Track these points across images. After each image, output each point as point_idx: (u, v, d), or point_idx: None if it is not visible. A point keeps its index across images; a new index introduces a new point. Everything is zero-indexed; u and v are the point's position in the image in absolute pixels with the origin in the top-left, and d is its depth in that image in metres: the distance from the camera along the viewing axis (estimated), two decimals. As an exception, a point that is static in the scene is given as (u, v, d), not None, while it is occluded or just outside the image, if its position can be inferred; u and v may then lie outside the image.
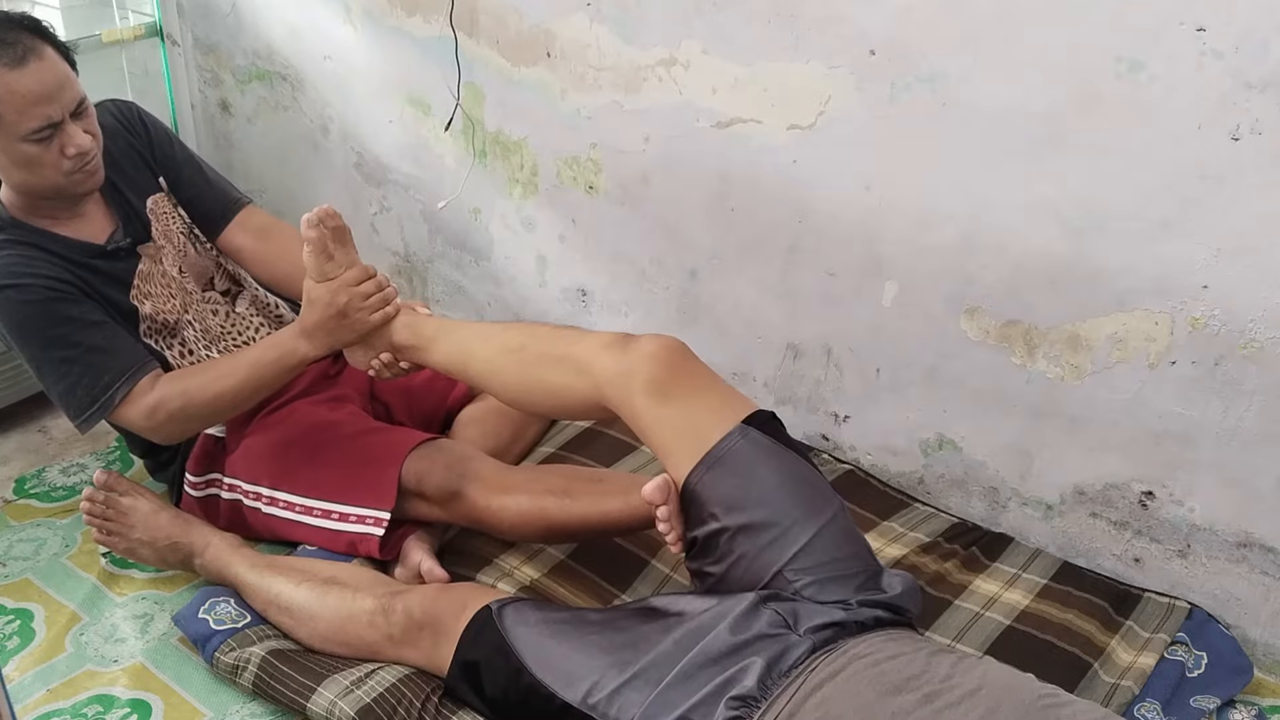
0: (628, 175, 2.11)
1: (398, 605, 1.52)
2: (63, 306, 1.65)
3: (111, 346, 1.68)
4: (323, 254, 1.64)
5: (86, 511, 1.76)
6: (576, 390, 1.50)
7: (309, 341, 1.67)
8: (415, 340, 1.67)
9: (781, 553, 1.37)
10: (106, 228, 1.77)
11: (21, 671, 1.61)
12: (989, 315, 1.80)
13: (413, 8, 2.25)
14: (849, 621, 1.33)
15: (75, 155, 1.64)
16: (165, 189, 1.87)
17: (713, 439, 1.40)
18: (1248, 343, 1.58)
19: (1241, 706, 1.60)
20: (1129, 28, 1.52)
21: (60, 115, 1.60)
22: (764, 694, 1.26)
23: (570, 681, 1.34)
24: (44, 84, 1.58)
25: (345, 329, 1.66)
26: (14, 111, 1.57)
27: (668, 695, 1.28)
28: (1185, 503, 1.72)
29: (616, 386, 1.44)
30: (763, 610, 1.34)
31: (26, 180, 1.66)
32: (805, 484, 1.42)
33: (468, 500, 1.68)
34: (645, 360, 1.44)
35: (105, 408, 1.67)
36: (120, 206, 1.80)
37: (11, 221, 1.70)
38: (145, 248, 1.80)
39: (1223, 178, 1.52)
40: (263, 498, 1.76)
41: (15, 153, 1.61)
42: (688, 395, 1.43)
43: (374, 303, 1.66)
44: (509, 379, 1.58)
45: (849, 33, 1.75)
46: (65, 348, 1.65)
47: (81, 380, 1.66)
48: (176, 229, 1.86)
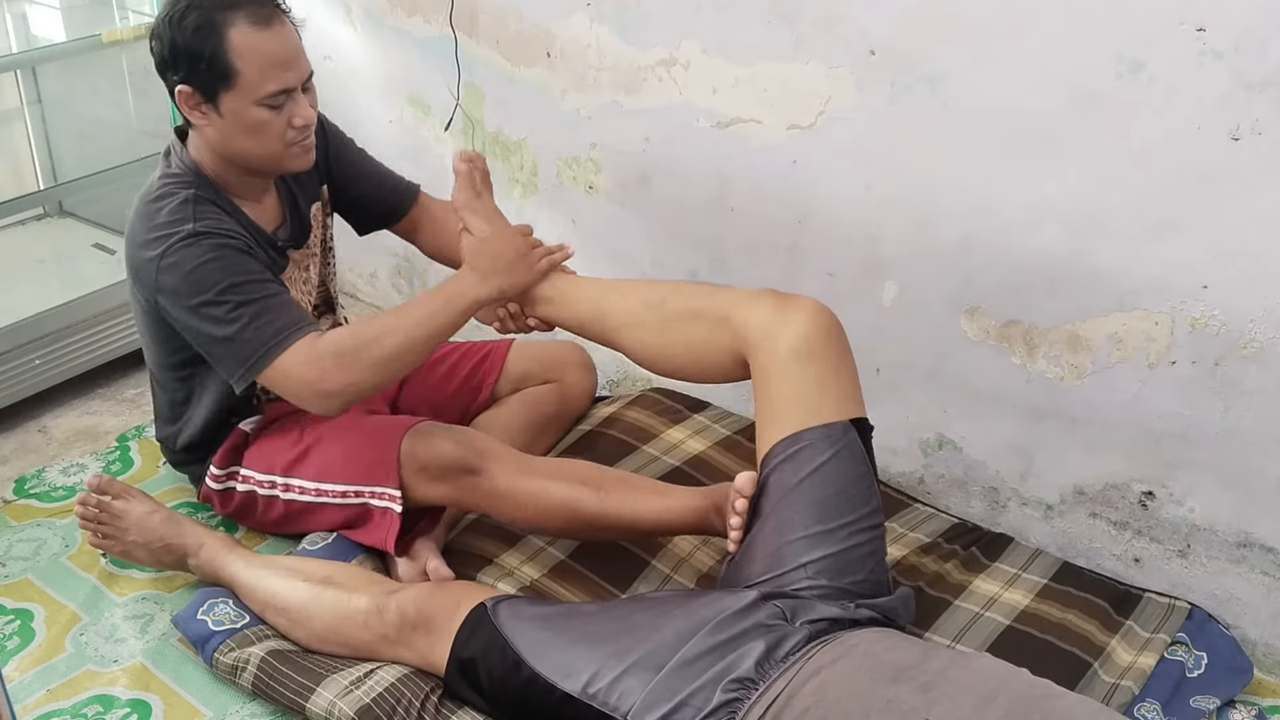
0: (628, 175, 2.11)
1: (392, 604, 1.52)
2: (250, 260, 1.62)
3: (286, 301, 1.64)
4: (471, 189, 1.71)
5: (80, 515, 1.75)
6: (715, 343, 1.51)
7: (483, 281, 1.65)
8: (553, 294, 1.69)
9: (808, 550, 1.40)
10: (275, 220, 1.77)
11: (21, 671, 1.61)
12: (989, 315, 1.80)
13: (413, 8, 2.25)
14: (844, 619, 1.36)
15: (302, 126, 1.62)
16: (323, 198, 1.87)
17: (825, 418, 1.43)
18: (1248, 343, 1.58)
19: (1241, 706, 1.60)
20: (1129, 28, 1.52)
21: (295, 82, 1.59)
22: (761, 677, 1.28)
23: (569, 672, 1.35)
24: (287, 47, 1.58)
25: (519, 271, 1.67)
26: (256, 72, 1.55)
27: (668, 682, 1.29)
28: (1185, 503, 1.72)
29: (764, 333, 1.46)
30: (762, 605, 1.37)
31: (246, 147, 1.63)
32: (863, 502, 1.45)
33: (485, 480, 1.65)
34: (806, 313, 1.46)
35: (274, 351, 1.58)
36: (289, 204, 1.79)
37: (206, 181, 1.67)
38: (297, 252, 1.80)
39: (1222, 178, 1.52)
40: (278, 485, 1.76)
41: (246, 116, 1.58)
42: (829, 365, 1.45)
43: (542, 250, 1.70)
44: (648, 334, 1.59)
45: (849, 33, 1.75)
46: (244, 293, 1.59)
47: (252, 324, 1.58)
48: (319, 239, 1.87)
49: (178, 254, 1.59)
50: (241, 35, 1.54)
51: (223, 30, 1.54)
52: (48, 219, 2.65)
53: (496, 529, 1.81)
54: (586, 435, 2.03)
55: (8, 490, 2.00)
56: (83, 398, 2.26)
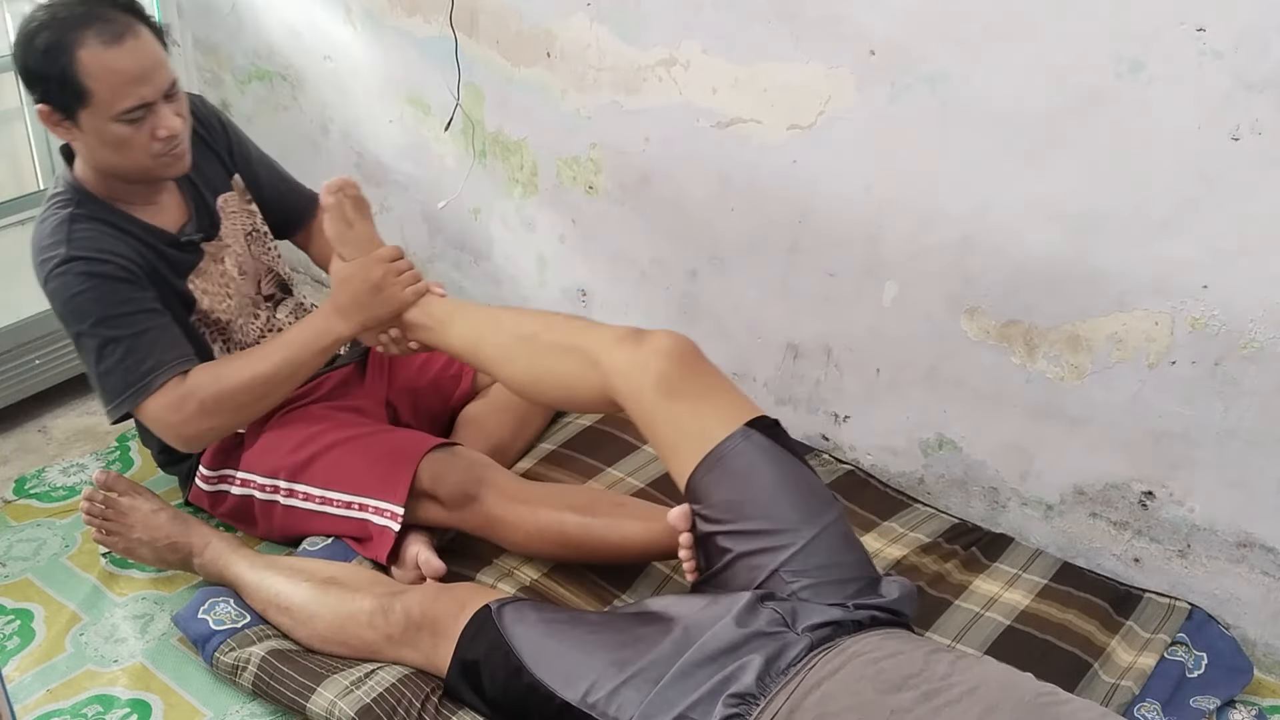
0: (628, 175, 2.11)
1: (396, 605, 1.52)
2: (125, 288, 1.63)
3: (160, 336, 1.65)
4: (341, 220, 1.67)
5: (86, 511, 1.76)
6: (587, 381, 1.50)
7: (343, 318, 1.67)
8: (428, 321, 1.67)
9: (777, 555, 1.38)
10: (179, 218, 1.76)
11: (21, 671, 1.61)
12: (989, 315, 1.80)
13: (413, 8, 2.25)
14: (846, 621, 1.33)
15: (166, 137, 1.61)
16: (238, 187, 1.87)
17: (717, 438, 1.41)
18: (1247, 343, 1.58)
19: (1241, 706, 1.60)
20: (1129, 28, 1.52)
21: (153, 96, 1.58)
22: (763, 691, 1.26)
23: (569, 680, 1.35)
24: (139, 63, 1.56)
25: (379, 303, 1.67)
26: (108, 90, 1.54)
27: (666, 694, 1.29)
28: (1185, 503, 1.72)
29: (627, 380, 1.45)
30: (761, 609, 1.35)
31: (113, 161, 1.63)
32: (805, 489, 1.43)
33: (483, 506, 1.68)
34: (658, 355, 1.44)
35: (140, 394, 1.62)
36: (194, 199, 1.78)
37: (89, 197, 1.66)
38: (211, 245, 1.79)
39: (1223, 178, 1.52)
40: (281, 490, 1.76)
41: (106, 133, 1.58)
42: (696, 394, 1.44)
43: (406, 278, 1.68)
44: (519, 366, 1.58)
45: (849, 33, 1.75)
46: (115, 328, 1.62)
47: (123, 363, 1.62)
48: (240, 228, 1.86)
49: (55, 281, 1.63)
50: (91, 54, 1.52)
51: (72, 50, 1.52)
52: (48, 219, 2.65)
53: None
54: (587, 431, 2.04)
55: (8, 490, 2.00)
56: (83, 398, 2.26)
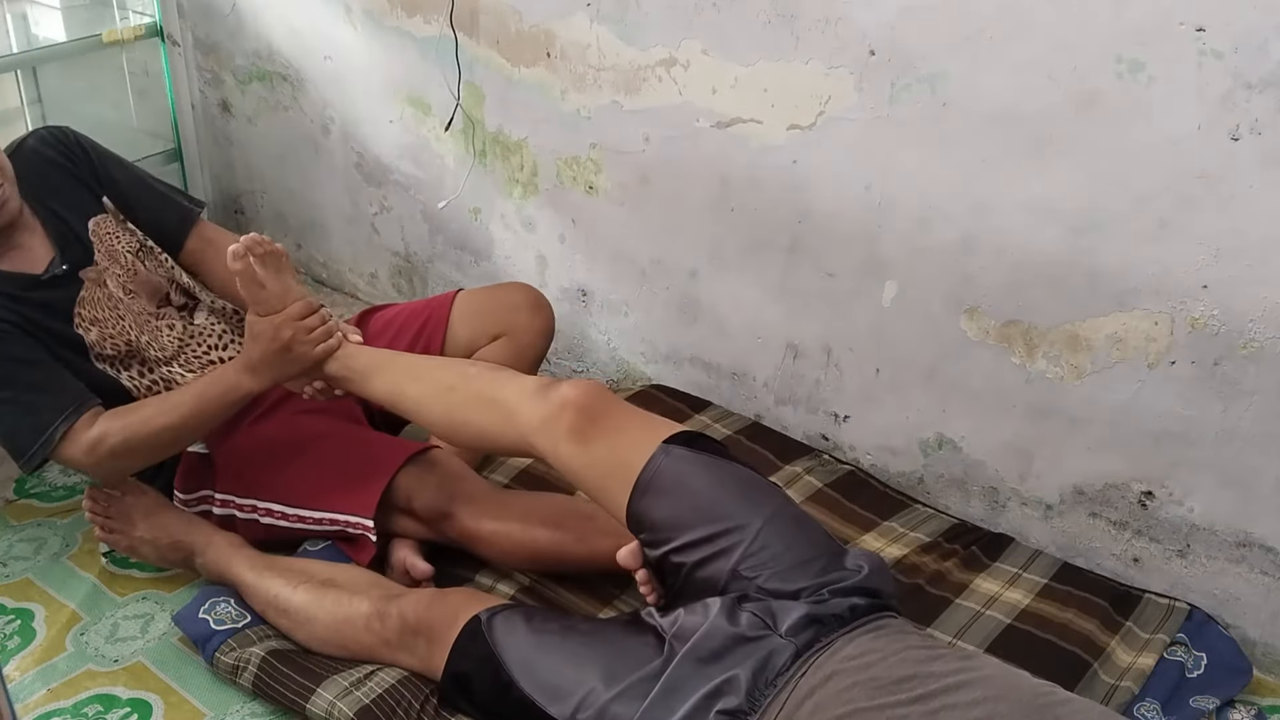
0: (628, 175, 2.11)
1: (393, 610, 1.52)
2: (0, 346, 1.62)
3: (50, 385, 1.62)
4: (253, 283, 1.61)
5: (89, 509, 1.76)
6: (506, 436, 1.51)
7: (253, 376, 1.65)
8: (348, 373, 1.67)
9: (730, 555, 1.36)
10: (44, 256, 1.71)
11: (22, 671, 1.61)
12: (989, 315, 1.80)
13: (413, 8, 2.25)
14: (826, 615, 1.30)
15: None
16: (109, 210, 1.82)
17: (638, 465, 1.40)
18: (1247, 343, 1.58)
19: (1241, 706, 1.60)
20: (1129, 28, 1.52)
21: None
22: (753, 706, 1.25)
23: (559, 696, 1.34)
24: None
25: (289, 363, 1.65)
26: None
27: (654, 710, 1.27)
28: (1185, 503, 1.73)
29: (541, 436, 1.46)
30: (739, 611, 1.32)
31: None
32: (739, 485, 1.41)
33: (458, 522, 1.68)
34: (563, 409, 1.44)
35: (46, 447, 1.61)
36: (59, 233, 1.73)
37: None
38: (87, 272, 1.74)
39: (1222, 178, 1.52)
40: (259, 510, 1.76)
41: None
42: (609, 434, 1.43)
43: (317, 336, 1.64)
44: (438, 419, 1.60)
45: (849, 33, 1.75)
46: (3, 389, 1.60)
47: (22, 421, 1.61)
48: (123, 248, 1.80)
49: None
50: None
51: None
52: (48, 219, 2.65)
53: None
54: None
55: (8, 490, 2.00)
56: (83, 397, 2.26)
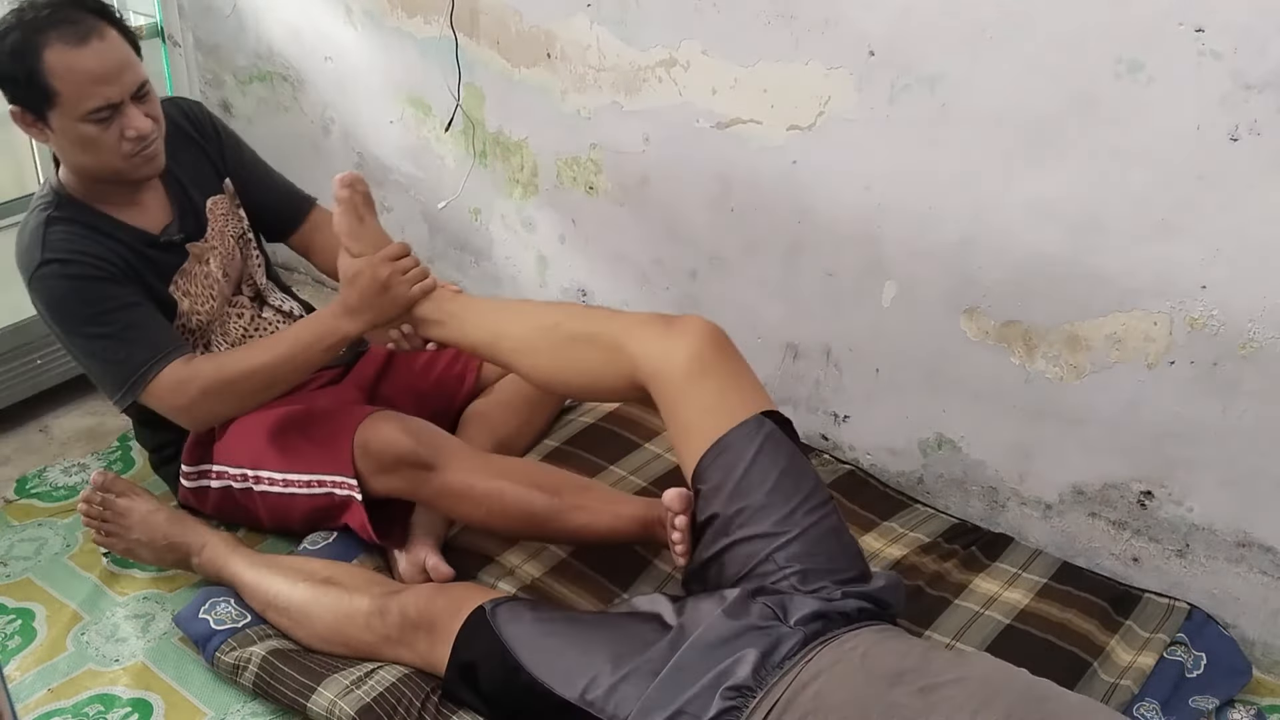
0: (628, 175, 2.11)
1: (393, 606, 1.53)
2: (104, 286, 1.65)
3: (149, 326, 1.67)
4: (353, 215, 1.67)
5: (84, 513, 1.76)
6: (612, 366, 1.51)
7: (350, 318, 1.67)
8: (442, 316, 1.67)
9: (773, 541, 1.40)
10: (162, 219, 1.77)
11: (23, 671, 1.61)
12: (988, 315, 1.80)
13: (413, 9, 2.25)
14: (834, 613, 1.35)
15: (134, 138, 1.62)
16: (228, 191, 1.87)
17: (736, 419, 1.44)
18: (1246, 343, 1.58)
19: (1240, 706, 1.60)
20: (1128, 28, 1.53)
21: (120, 97, 1.59)
22: (759, 684, 1.27)
23: (567, 678, 1.35)
24: (105, 64, 1.57)
25: (387, 303, 1.66)
26: (74, 90, 1.56)
27: (664, 689, 1.30)
28: (1184, 502, 1.73)
29: (656, 360, 1.47)
30: (752, 604, 1.37)
31: (85, 162, 1.65)
32: (807, 482, 1.46)
33: (439, 476, 1.65)
34: (691, 336, 1.47)
35: (140, 384, 1.65)
36: (180, 201, 1.79)
37: (68, 200, 1.68)
38: (195, 246, 1.80)
39: (1221, 178, 1.53)
40: (249, 478, 1.77)
41: (74, 133, 1.60)
42: (724, 376, 1.47)
43: (414, 275, 1.67)
44: (542, 358, 1.59)
45: (848, 33, 1.75)
46: (103, 325, 1.64)
47: (117, 356, 1.65)
48: (230, 230, 1.86)
49: (36, 286, 1.65)
50: (57, 55, 1.54)
51: (39, 51, 1.54)
52: (49, 219, 2.65)
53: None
54: (589, 429, 2.04)
55: (9, 490, 2.01)
56: (84, 398, 2.26)
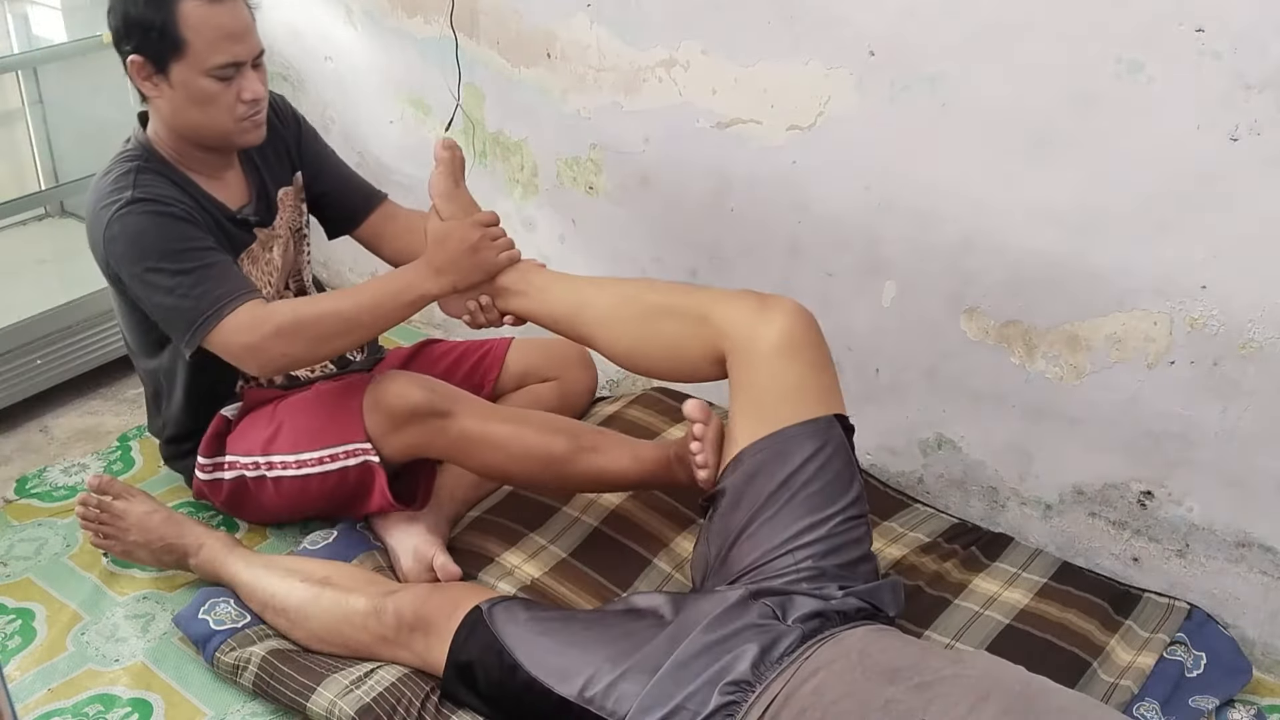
0: (628, 175, 2.11)
1: (389, 606, 1.53)
2: (187, 228, 1.66)
3: (228, 269, 1.68)
4: (450, 177, 1.68)
5: (81, 515, 1.76)
6: (696, 339, 1.51)
7: (436, 277, 1.66)
8: (525, 287, 1.67)
9: (799, 538, 1.41)
10: (240, 198, 1.79)
11: (23, 671, 1.61)
12: (988, 315, 1.80)
13: (413, 9, 2.26)
14: (832, 612, 1.36)
15: (251, 101, 1.65)
16: (297, 185, 1.89)
17: (806, 414, 1.44)
18: (1246, 343, 1.58)
19: (1240, 705, 1.60)
20: (1128, 28, 1.53)
21: (246, 56, 1.63)
22: (758, 679, 1.28)
23: (566, 676, 1.35)
24: (237, 22, 1.61)
25: (474, 267, 1.66)
26: (205, 43, 1.59)
27: (663, 686, 1.30)
28: (1184, 502, 1.73)
29: (745, 331, 1.47)
30: (752, 604, 1.37)
31: (196, 121, 1.66)
32: (850, 493, 1.46)
33: (456, 422, 1.65)
34: (786, 315, 1.47)
35: (214, 319, 1.62)
36: (257, 184, 1.82)
37: (158, 156, 1.70)
38: (263, 231, 1.82)
39: (1221, 178, 1.53)
40: (262, 465, 1.77)
41: (195, 87, 1.62)
42: (811, 363, 1.47)
43: (502, 243, 1.68)
44: (625, 329, 1.58)
45: (848, 33, 1.75)
46: (182, 261, 1.64)
47: (193, 291, 1.63)
48: (290, 222, 1.89)
49: (120, 222, 1.64)
50: (193, 6, 1.58)
51: (175, 1, 1.58)
52: (49, 219, 2.65)
53: (499, 527, 1.81)
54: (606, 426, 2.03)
55: (9, 490, 2.01)
56: (84, 397, 2.26)
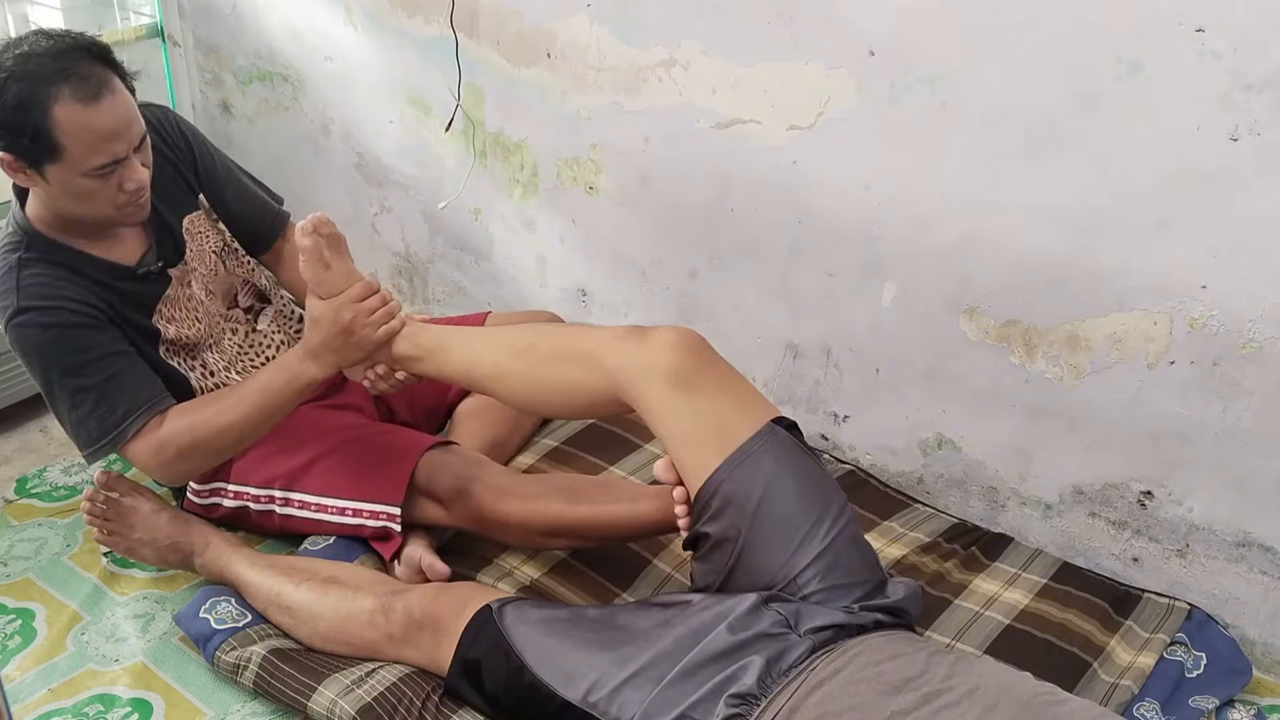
0: (628, 175, 2.11)
1: (398, 604, 1.53)
2: (84, 334, 1.60)
3: (128, 379, 1.63)
4: (319, 262, 1.60)
5: (87, 511, 1.76)
6: (589, 385, 1.48)
7: (315, 362, 1.63)
8: (416, 351, 1.64)
9: (798, 557, 1.38)
10: (138, 249, 1.72)
11: (23, 671, 1.61)
12: (988, 315, 1.80)
13: (413, 9, 2.25)
14: (849, 624, 1.34)
15: (133, 190, 1.58)
16: (203, 207, 1.82)
17: (743, 435, 1.40)
18: (1246, 343, 1.59)
19: (1240, 705, 1.60)
20: (1128, 28, 1.53)
21: (126, 152, 1.54)
22: (764, 692, 1.26)
23: (570, 680, 1.35)
24: (116, 120, 1.51)
25: (351, 347, 1.62)
26: (83, 148, 1.50)
27: (668, 693, 1.29)
28: (1184, 502, 1.73)
29: (634, 376, 1.43)
30: (764, 611, 1.35)
31: (76, 211, 1.59)
32: (823, 490, 1.42)
33: (474, 500, 1.67)
34: (667, 349, 1.42)
35: (116, 442, 1.62)
36: (156, 227, 1.73)
37: (40, 238, 1.62)
38: (176, 270, 1.75)
39: (1221, 178, 1.53)
40: (276, 500, 1.76)
41: (73, 185, 1.54)
42: (712, 387, 1.42)
43: (379, 318, 1.61)
44: (518, 382, 1.56)
45: (848, 33, 1.75)
46: (81, 376, 1.60)
47: (95, 412, 1.61)
48: (209, 247, 1.81)
49: (12, 334, 1.61)
50: (67, 111, 1.47)
51: (47, 105, 1.46)
52: (48, 219, 2.65)
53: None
54: (589, 429, 2.04)
55: (9, 490, 2.01)
56: (84, 398, 2.26)
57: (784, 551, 1.38)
